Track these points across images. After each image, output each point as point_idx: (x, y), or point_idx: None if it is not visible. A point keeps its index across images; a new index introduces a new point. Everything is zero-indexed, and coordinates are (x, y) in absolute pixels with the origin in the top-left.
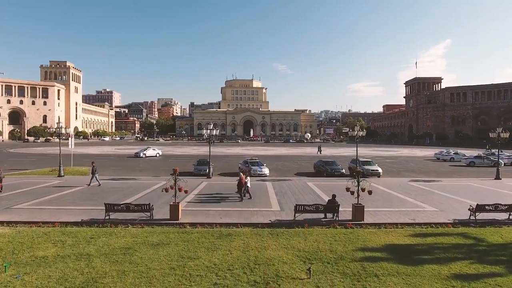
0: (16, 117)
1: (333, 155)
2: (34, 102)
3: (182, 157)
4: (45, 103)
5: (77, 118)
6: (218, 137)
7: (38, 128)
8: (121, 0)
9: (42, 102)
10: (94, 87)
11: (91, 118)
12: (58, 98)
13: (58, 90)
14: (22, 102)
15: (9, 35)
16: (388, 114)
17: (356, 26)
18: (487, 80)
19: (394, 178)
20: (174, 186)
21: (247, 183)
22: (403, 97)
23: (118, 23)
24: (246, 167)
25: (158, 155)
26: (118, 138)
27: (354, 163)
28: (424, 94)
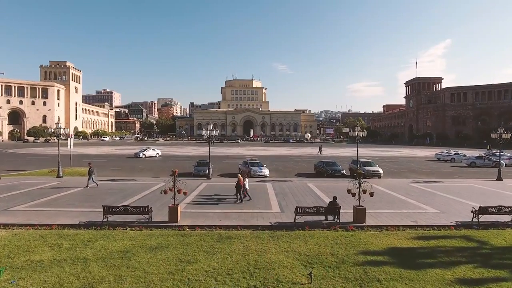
0: (15, 117)
1: (333, 156)
2: (33, 102)
3: (182, 157)
4: (45, 103)
5: (77, 118)
6: (218, 137)
7: (37, 128)
8: (121, 0)
9: (42, 102)
10: (94, 87)
11: (91, 118)
12: (58, 98)
13: (58, 90)
14: (21, 102)
15: (9, 35)
16: (388, 114)
17: (356, 26)
18: (487, 80)
19: (395, 179)
20: (173, 188)
21: (246, 185)
22: (403, 97)
23: (118, 23)
24: (246, 168)
25: (157, 156)
26: (118, 138)
27: (355, 164)
28: (424, 94)
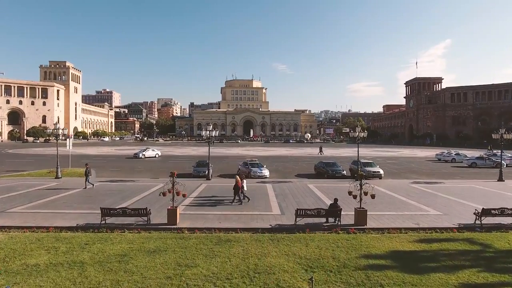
0: (15, 117)
1: (333, 156)
2: (33, 102)
3: (181, 158)
4: (44, 104)
5: (76, 118)
6: (218, 137)
7: (37, 128)
8: (121, 0)
9: (41, 102)
10: (94, 87)
11: (91, 118)
12: (58, 98)
13: (58, 90)
14: (21, 103)
15: (9, 35)
16: (388, 114)
17: (356, 26)
18: (487, 80)
19: (395, 180)
20: (172, 190)
21: (244, 187)
22: (403, 97)
23: (118, 23)
24: (246, 169)
25: (157, 156)
26: (118, 139)
27: (355, 165)
28: (424, 94)
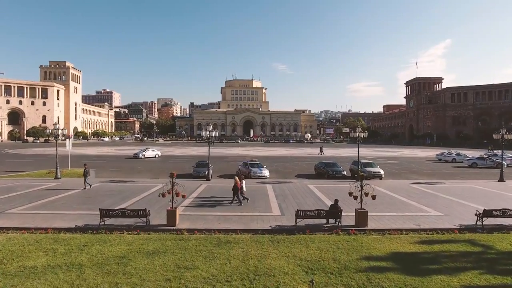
0: (15, 117)
1: (333, 156)
2: (33, 103)
3: (181, 158)
4: (44, 104)
5: (76, 118)
6: (218, 137)
7: (37, 128)
8: (121, 0)
9: (41, 103)
10: (94, 87)
11: (91, 119)
12: (58, 99)
13: (58, 90)
14: (21, 103)
15: (9, 35)
16: (388, 114)
17: (356, 26)
18: (487, 80)
19: (396, 180)
20: (171, 190)
21: (243, 188)
22: (404, 97)
23: (118, 23)
24: (246, 169)
25: (157, 156)
26: (118, 139)
27: (356, 165)
28: (424, 94)
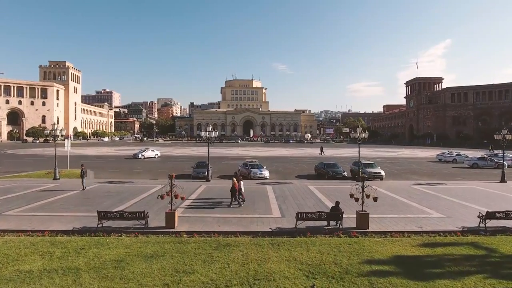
0: (14, 117)
1: (333, 156)
2: (33, 103)
3: (181, 158)
4: (44, 104)
5: (76, 118)
6: (218, 137)
7: (37, 128)
8: (121, 0)
9: (41, 103)
10: (94, 87)
11: (90, 119)
12: (57, 99)
13: (57, 91)
14: (20, 103)
15: (9, 35)
16: (388, 114)
17: (356, 26)
18: (487, 80)
19: (397, 181)
20: (170, 192)
21: (241, 189)
22: (404, 97)
23: (118, 23)
24: (246, 170)
25: (156, 157)
26: (118, 139)
27: (356, 166)
28: (424, 94)
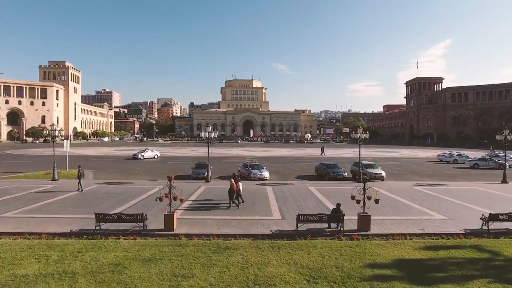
0: (14, 117)
1: (333, 157)
2: (32, 103)
3: (181, 158)
4: (43, 104)
5: (76, 118)
6: (218, 137)
7: (36, 128)
8: (121, 0)
9: (40, 103)
10: (94, 87)
11: (90, 119)
12: (57, 99)
13: (57, 91)
14: (20, 103)
15: (9, 35)
16: (388, 114)
17: (356, 26)
18: (487, 80)
19: (397, 182)
20: (168, 194)
21: (240, 191)
22: (404, 97)
23: (118, 23)
24: (245, 170)
25: (156, 157)
26: (117, 139)
27: (357, 166)
28: (425, 94)
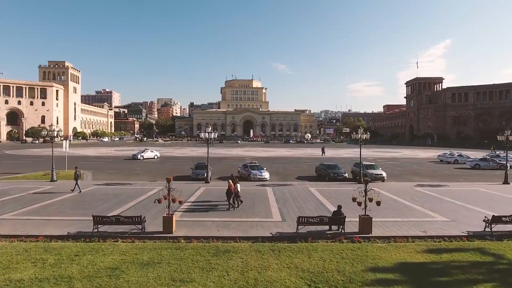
0: (14, 117)
1: (334, 157)
2: (32, 103)
3: (180, 159)
4: (43, 104)
5: (75, 118)
6: (218, 137)
7: (36, 129)
8: (121, 0)
9: (40, 103)
10: (94, 87)
11: (90, 119)
12: (57, 99)
13: (57, 91)
14: (20, 103)
15: (9, 35)
16: (388, 114)
17: (356, 26)
18: (487, 80)
19: (398, 183)
20: (167, 196)
21: (238, 192)
22: (404, 97)
23: (118, 23)
24: (245, 171)
25: (156, 157)
26: (117, 139)
27: (357, 167)
28: (425, 94)
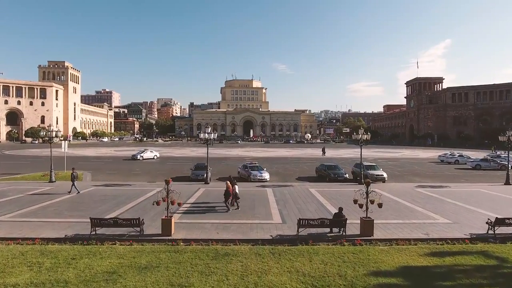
0: (13, 118)
1: (334, 157)
2: (32, 103)
3: (180, 159)
4: (43, 104)
5: (75, 118)
6: (218, 137)
7: (35, 129)
8: (121, 0)
9: (40, 103)
10: (94, 87)
11: (90, 119)
12: (56, 99)
13: (56, 91)
14: (19, 103)
15: (8, 35)
16: (388, 114)
17: (356, 26)
18: (487, 80)
19: (399, 184)
20: (166, 198)
21: (237, 194)
22: (404, 97)
23: (118, 23)
24: (245, 172)
25: (155, 158)
26: (117, 139)
27: (358, 168)
28: (425, 94)
